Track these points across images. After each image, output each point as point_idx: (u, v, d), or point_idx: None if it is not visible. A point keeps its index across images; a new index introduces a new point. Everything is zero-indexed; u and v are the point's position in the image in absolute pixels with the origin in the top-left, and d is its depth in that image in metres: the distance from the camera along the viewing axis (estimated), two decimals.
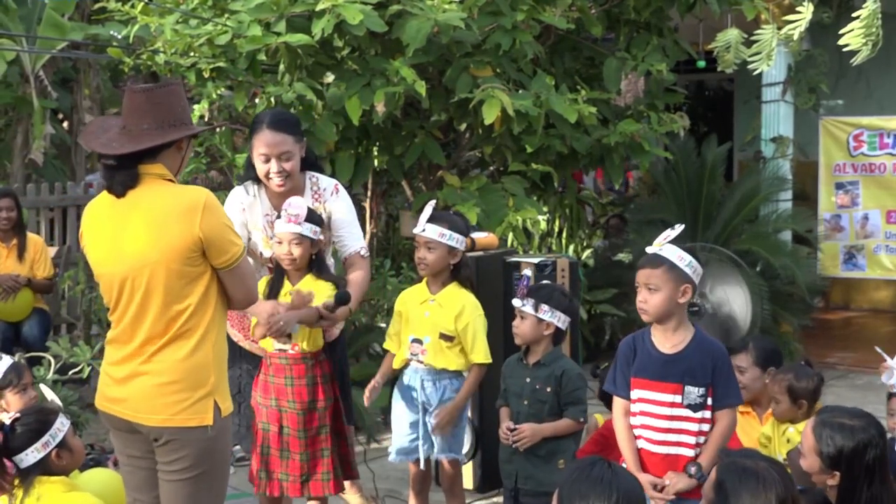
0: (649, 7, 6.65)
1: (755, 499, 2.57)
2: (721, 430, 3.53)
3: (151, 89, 3.26)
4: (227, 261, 3.24)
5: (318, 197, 4.37)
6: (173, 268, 3.18)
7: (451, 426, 4.34)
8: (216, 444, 3.28)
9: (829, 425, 3.03)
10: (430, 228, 4.17)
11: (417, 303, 4.32)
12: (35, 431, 3.54)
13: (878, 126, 8.58)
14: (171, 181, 3.29)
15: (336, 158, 6.28)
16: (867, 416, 3.08)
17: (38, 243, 7.08)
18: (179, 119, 3.26)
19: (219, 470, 3.33)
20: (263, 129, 4.21)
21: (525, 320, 4.07)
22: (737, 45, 6.00)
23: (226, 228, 3.26)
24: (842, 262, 8.78)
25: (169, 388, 3.22)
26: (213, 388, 3.25)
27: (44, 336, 6.89)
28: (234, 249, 3.25)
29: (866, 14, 5.42)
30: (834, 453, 2.99)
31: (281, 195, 4.26)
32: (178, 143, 3.29)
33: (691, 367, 3.52)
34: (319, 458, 4.34)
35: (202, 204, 3.19)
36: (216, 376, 3.27)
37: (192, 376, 3.23)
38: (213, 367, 3.27)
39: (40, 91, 9.52)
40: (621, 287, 7.83)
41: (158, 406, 3.22)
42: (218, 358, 3.30)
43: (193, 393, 3.22)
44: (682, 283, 3.52)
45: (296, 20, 5.62)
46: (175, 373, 3.22)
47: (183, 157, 3.35)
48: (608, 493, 2.45)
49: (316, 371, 4.31)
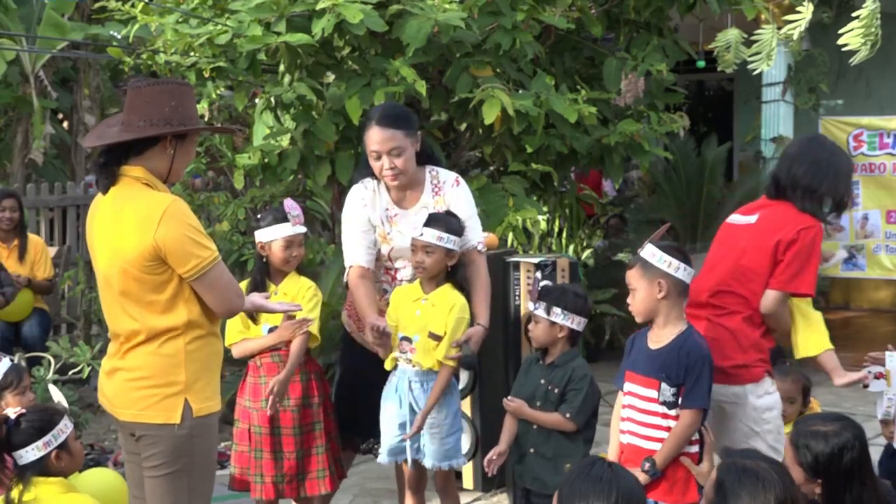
0: (649, 7, 6.65)
1: (754, 499, 2.57)
2: (679, 429, 3.51)
3: (142, 87, 3.23)
4: (190, 270, 3.19)
5: (437, 191, 4.32)
6: (134, 274, 3.20)
7: (440, 433, 4.28)
8: (191, 444, 3.27)
9: (804, 434, 3.04)
10: (428, 233, 4.14)
11: (409, 301, 4.29)
12: (38, 430, 3.56)
13: (877, 126, 8.59)
14: (147, 185, 3.23)
15: (336, 158, 6.28)
16: (843, 419, 3.08)
17: (38, 244, 7.09)
18: (166, 118, 3.20)
19: (198, 470, 3.32)
20: (373, 126, 4.19)
21: (538, 324, 4.06)
22: (737, 45, 5.99)
23: (186, 238, 3.18)
24: (842, 262, 8.78)
25: (138, 384, 3.27)
26: (184, 387, 3.24)
27: (44, 336, 6.90)
28: (195, 260, 3.19)
29: (865, 14, 5.41)
30: (811, 462, 2.99)
31: (399, 189, 4.26)
32: (162, 142, 3.24)
33: (667, 365, 3.55)
34: (314, 456, 4.35)
35: (161, 212, 3.15)
36: (189, 376, 3.25)
37: (161, 374, 3.25)
38: (186, 367, 3.25)
39: (40, 91, 9.51)
40: (621, 287, 7.75)
41: (129, 401, 3.28)
42: (194, 359, 3.28)
43: (161, 390, 3.24)
44: (656, 279, 3.55)
45: (296, 20, 5.61)
46: (144, 369, 3.26)
47: (172, 158, 3.28)
48: (607, 492, 2.45)
49: (309, 367, 4.32)
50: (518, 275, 5.17)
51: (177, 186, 6.71)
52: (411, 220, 4.19)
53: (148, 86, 3.24)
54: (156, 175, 3.28)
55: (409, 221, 4.20)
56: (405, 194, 4.28)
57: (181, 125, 3.24)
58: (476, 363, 4.87)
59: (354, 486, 5.43)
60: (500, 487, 5.32)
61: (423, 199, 4.30)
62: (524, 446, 4.08)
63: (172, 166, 3.31)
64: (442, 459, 4.27)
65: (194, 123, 3.33)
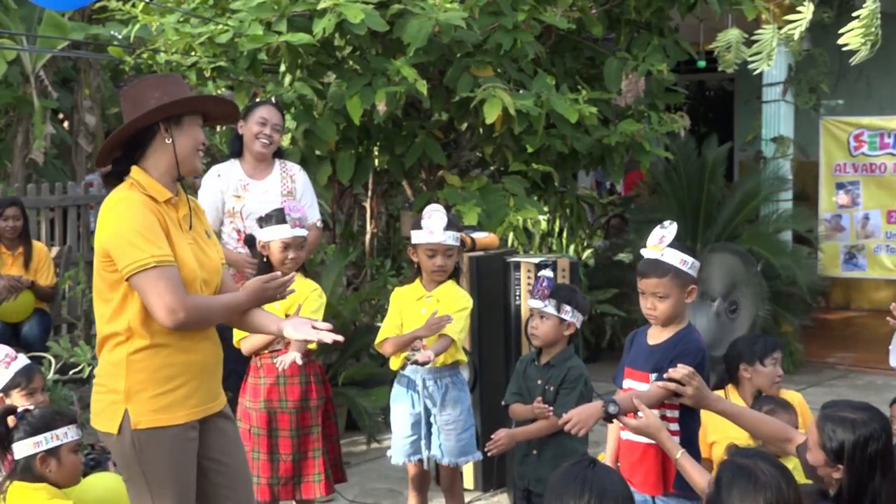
0: (650, 7, 6.65)
1: (744, 498, 2.57)
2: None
3: (127, 88, 3.20)
4: (122, 268, 3.09)
5: None
6: (98, 269, 3.19)
7: (456, 429, 4.30)
8: (133, 455, 3.14)
9: (831, 419, 3.02)
10: (450, 235, 4.19)
11: (413, 300, 4.31)
12: (33, 427, 3.54)
13: (878, 126, 8.58)
14: (134, 184, 3.17)
15: (337, 158, 6.28)
16: (871, 409, 3.07)
17: (42, 252, 7.11)
18: (153, 107, 3.13)
19: (148, 482, 3.16)
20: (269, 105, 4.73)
21: (546, 321, 4.04)
22: (737, 45, 6.00)
23: (121, 238, 3.08)
24: (842, 262, 8.78)
25: (95, 388, 3.26)
26: (124, 396, 3.12)
27: (44, 336, 6.90)
28: (126, 260, 3.06)
29: (866, 14, 5.41)
30: (836, 447, 2.98)
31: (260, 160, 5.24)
32: (158, 134, 3.16)
33: (662, 359, 3.53)
34: (311, 459, 4.35)
35: (112, 207, 3.14)
36: (130, 384, 3.12)
37: (106, 380, 3.20)
38: (127, 374, 3.13)
39: (41, 91, 9.50)
40: (622, 287, 7.83)
41: (92, 404, 3.27)
42: (139, 368, 3.13)
43: (105, 396, 3.20)
44: (687, 286, 3.53)
45: (297, 19, 5.62)
46: (99, 374, 3.24)
47: (173, 146, 3.16)
48: (580, 492, 2.46)
49: (308, 370, 4.32)
50: (518, 275, 5.17)
51: None
52: None
53: (132, 86, 3.19)
54: (163, 173, 3.19)
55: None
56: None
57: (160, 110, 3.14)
58: (477, 362, 4.87)
59: (354, 486, 5.43)
60: (501, 487, 5.32)
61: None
62: (526, 447, 4.08)
63: (177, 156, 3.18)
64: (458, 455, 4.31)
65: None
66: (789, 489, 2.63)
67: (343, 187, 7.09)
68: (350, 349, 6.39)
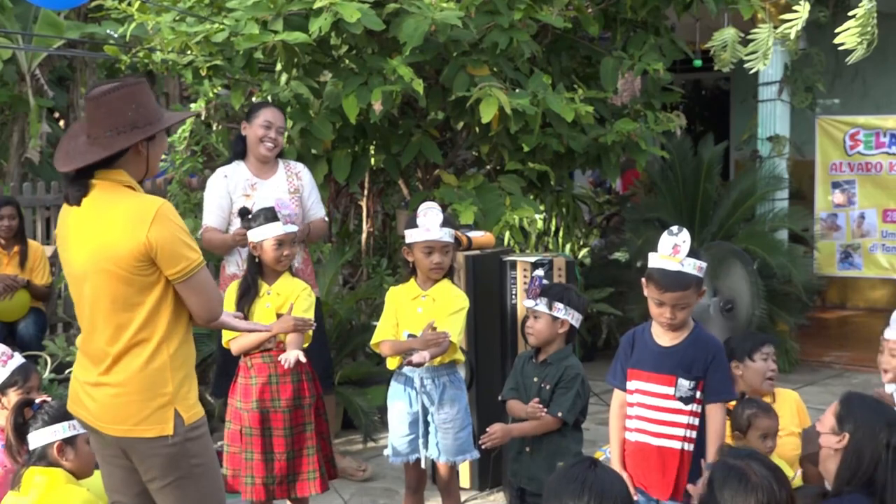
0: (646, 6, 6.66)
1: (735, 499, 2.57)
2: (716, 427, 3.56)
3: (99, 97, 3.17)
4: (178, 272, 3.17)
5: None
6: (121, 275, 3.15)
7: (454, 428, 4.31)
8: (185, 451, 3.24)
9: (857, 395, 3.18)
10: (447, 232, 4.20)
11: (408, 299, 4.31)
12: (52, 417, 3.63)
13: (874, 125, 8.58)
14: (130, 187, 3.22)
15: (333, 157, 6.28)
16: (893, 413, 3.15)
17: (38, 251, 7.10)
18: (132, 123, 3.16)
19: (198, 473, 3.28)
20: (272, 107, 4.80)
21: (539, 319, 4.07)
22: (733, 45, 5.99)
23: (177, 240, 3.17)
24: (838, 261, 8.78)
25: (126, 400, 3.21)
26: (171, 397, 3.21)
27: (40, 335, 6.90)
28: (184, 262, 3.17)
29: (862, 13, 5.41)
30: (849, 410, 3.10)
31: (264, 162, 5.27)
32: (135, 147, 3.20)
33: (685, 361, 3.57)
34: (305, 457, 4.34)
35: (153, 213, 3.14)
36: (175, 385, 3.22)
37: (149, 387, 3.20)
38: (171, 376, 3.22)
39: (36, 90, 9.49)
40: (618, 286, 7.83)
41: (118, 417, 3.22)
42: (177, 367, 3.24)
43: (150, 403, 3.20)
44: (699, 289, 3.60)
45: (293, 18, 5.61)
46: (131, 384, 3.20)
47: (147, 157, 3.26)
48: (579, 492, 2.46)
49: (300, 368, 4.31)
50: (515, 274, 5.18)
51: (173, 185, 6.71)
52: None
53: (104, 94, 3.17)
54: (134, 177, 3.26)
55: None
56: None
57: (148, 125, 3.20)
58: (473, 361, 4.88)
59: (352, 485, 5.43)
60: (496, 486, 5.32)
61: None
62: (519, 444, 4.09)
63: (149, 164, 3.29)
64: (456, 454, 4.32)
65: (160, 118, 3.26)
66: (781, 490, 2.63)
67: (339, 186, 7.09)
68: (346, 348, 6.39)
